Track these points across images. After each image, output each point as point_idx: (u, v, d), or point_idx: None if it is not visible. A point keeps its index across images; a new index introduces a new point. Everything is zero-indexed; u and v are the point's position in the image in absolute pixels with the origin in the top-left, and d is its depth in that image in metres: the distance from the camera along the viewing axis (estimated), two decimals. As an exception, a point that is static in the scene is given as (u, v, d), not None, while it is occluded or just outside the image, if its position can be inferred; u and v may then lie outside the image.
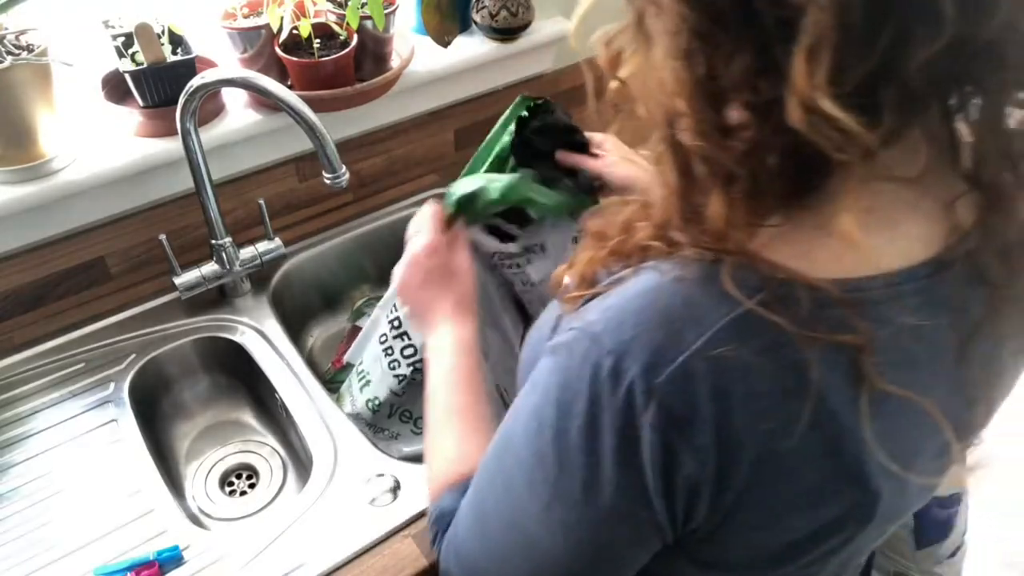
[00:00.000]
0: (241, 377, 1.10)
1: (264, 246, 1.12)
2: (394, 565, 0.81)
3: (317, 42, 1.08)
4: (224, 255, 1.08)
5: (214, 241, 1.06)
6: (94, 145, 1.02)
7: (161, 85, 1.01)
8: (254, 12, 1.10)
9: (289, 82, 1.11)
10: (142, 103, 1.02)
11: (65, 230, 1.03)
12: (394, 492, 0.87)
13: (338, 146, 0.91)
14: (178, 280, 1.07)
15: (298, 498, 0.88)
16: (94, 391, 1.00)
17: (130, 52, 1.01)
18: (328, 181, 0.92)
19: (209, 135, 1.04)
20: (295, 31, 1.07)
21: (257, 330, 1.08)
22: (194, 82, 0.90)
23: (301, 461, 1.03)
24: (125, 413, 0.98)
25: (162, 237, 1.06)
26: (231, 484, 1.03)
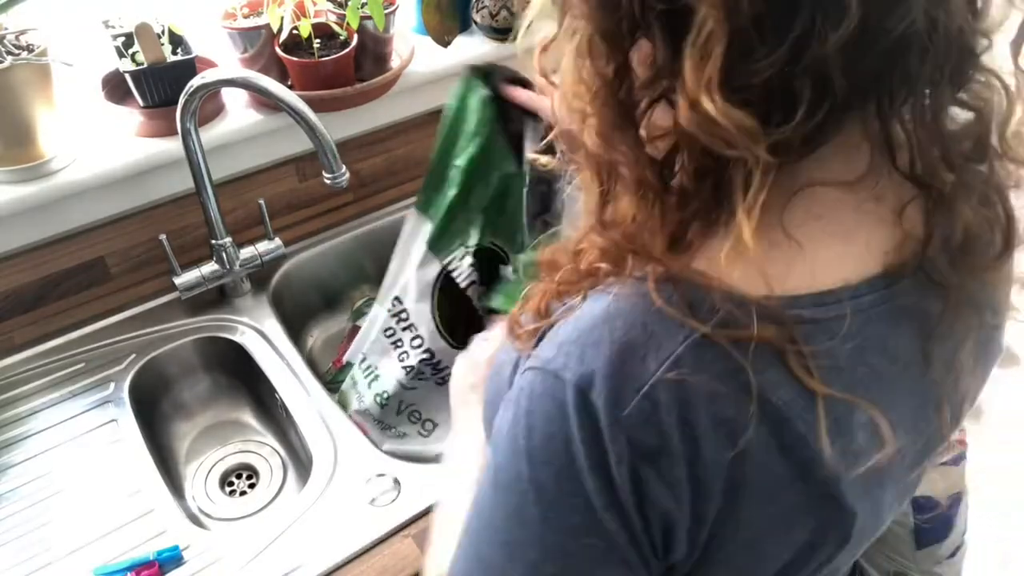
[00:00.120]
0: (241, 377, 1.10)
1: (264, 246, 1.12)
2: (394, 565, 0.81)
3: (317, 42, 1.08)
4: (224, 255, 1.08)
5: (214, 241, 1.06)
6: (94, 145, 1.02)
7: (161, 85, 1.01)
8: (254, 12, 1.10)
9: (289, 82, 1.11)
10: (142, 103, 1.02)
11: (65, 230, 1.03)
12: (394, 492, 0.88)
13: (338, 146, 0.91)
14: (178, 280, 1.07)
15: (298, 498, 0.88)
16: (94, 391, 1.00)
17: (130, 52, 1.01)
18: (328, 181, 0.92)
19: (209, 135, 1.04)
20: (295, 31, 1.07)
21: (257, 330, 1.08)
22: (194, 82, 0.90)
23: (301, 461, 1.03)
24: (125, 413, 0.98)
25: (162, 237, 1.06)
26: (231, 484, 1.03)
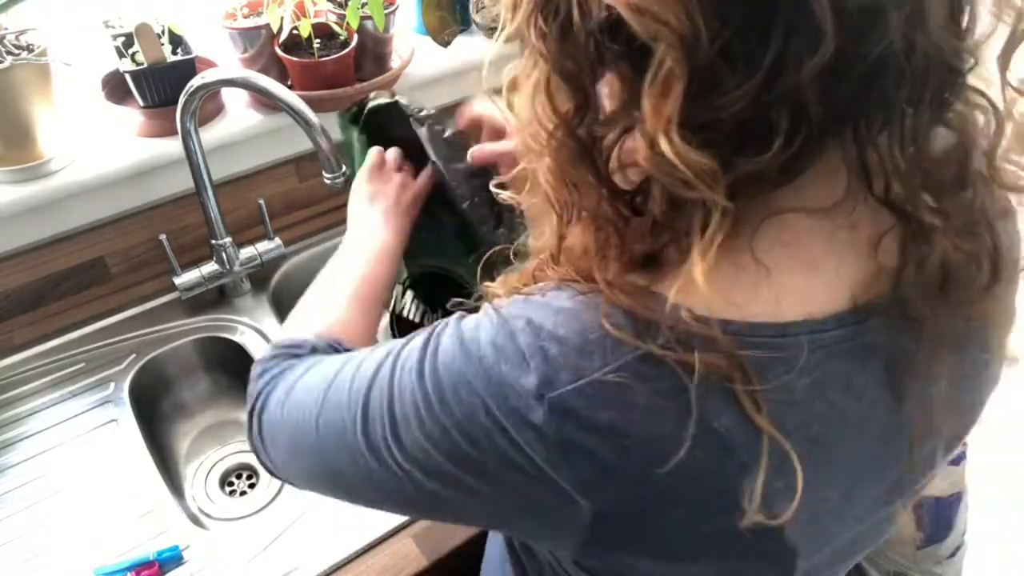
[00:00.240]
0: (241, 377, 1.09)
1: (264, 246, 1.12)
2: (394, 565, 0.81)
3: (317, 42, 1.08)
4: (224, 255, 1.08)
5: (214, 241, 1.06)
6: (94, 145, 1.02)
7: (161, 85, 1.01)
8: (254, 12, 1.10)
9: (289, 82, 1.11)
10: (142, 103, 1.02)
11: (65, 230, 1.03)
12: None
13: (338, 146, 0.91)
14: (178, 280, 1.07)
15: (298, 498, 0.88)
16: (94, 391, 1.00)
17: (130, 52, 1.01)
18: (328, 181, 0.92)
19: (209, 135, 1.04)
20: (295, 31, 1.07)
21: (257, 330, 1.08)
22: (194, 82, 0.90)
23: (301, 461, 1.02)
24: (125, 413, 0.98)
25: (162, 237, 1.06)
26: (231, 484, 1.03)
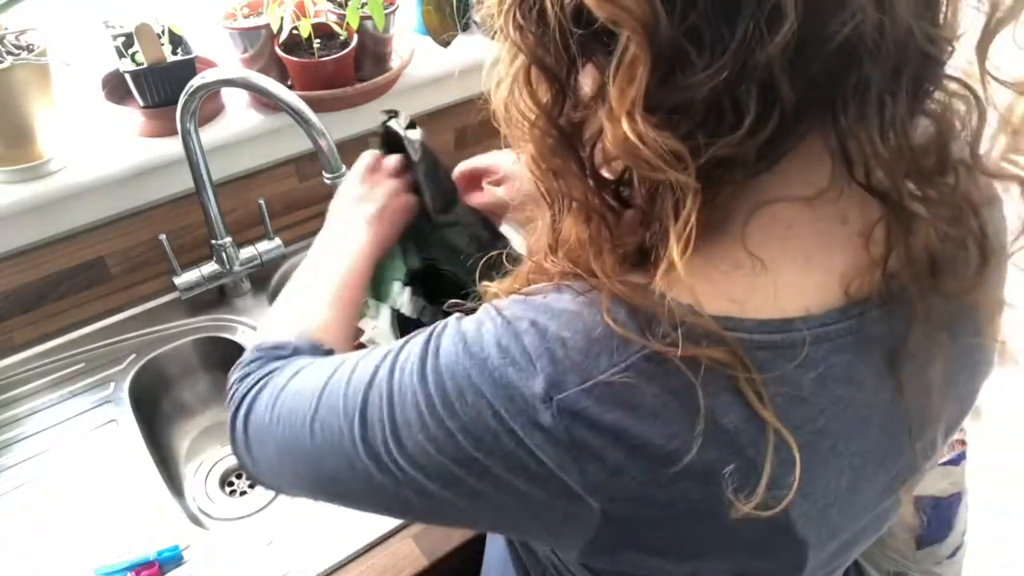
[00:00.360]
0: (241, 377, 1.10)
1: (264, 246, 1.12)
2: (394, 565, 0.81)
3: (317, 42, 1.08)
4: (224, 255, 1.08)
5: (214, 241, 1.06)
6: (94, 145, 1.02)
7: (161, 85, 1.01)
8: (254, 12, 1.10)
9: (289, 82, 1.11)
10: (142, 103, 1.02)
11: (65, 230, 1.03)
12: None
13: (338, 146, 0.91)
14: (178, 280, 1.07)
15: (298, 498, 0.88)
16: (94, 391, 1.00)
17: (130, 52, 1.01)
18: (328, 181, 0.92)
19: (209, 135, 1.04)
20: (295, 31, 1.07)
21: (257, 330, 1.08)
22: (194, 82, 0.90)
23: (301, 461, 1.02)
24: (125, 413, 0.98)
25: (162, 237, 1.06)
26: (231, 484, 1.03)
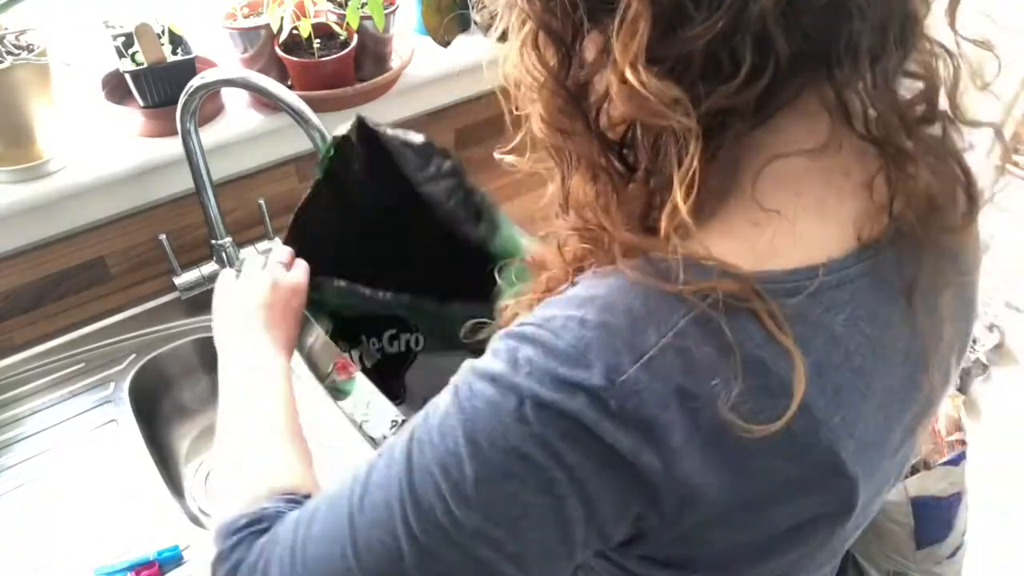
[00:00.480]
0: (241, 377, 1.10)
1: (264, 246, 1.12)
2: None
3: (317, 42, 1.08)
4: (224, 255, 1.08)
5: (214, 241, 1.06)
6: (94, 145, 1.02)
7: (161, 85, 1.01)
8: (254, 12, 1.10)
9: (289, 82, 1.11)
10: (142, 103, 1.02)
11: (65, 230, 1.03)
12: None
13: (338, 146, 0.90)
14: (178, 280, 1.07)
15: (298, 498, 0.88)
16: (94, 391, 1.00)
17: (130, 52, 1.01)
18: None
19: (209, 135, 1.04)
20: (295, 31, 1.07)
21: (257, 330, 1.08)
22: (194, 82, 0.90)
23: (301, 461, 1.03)
24: (125, 413, 0.98)
25: (162, 237, 1.06)
26: (231, 484, 1.03)
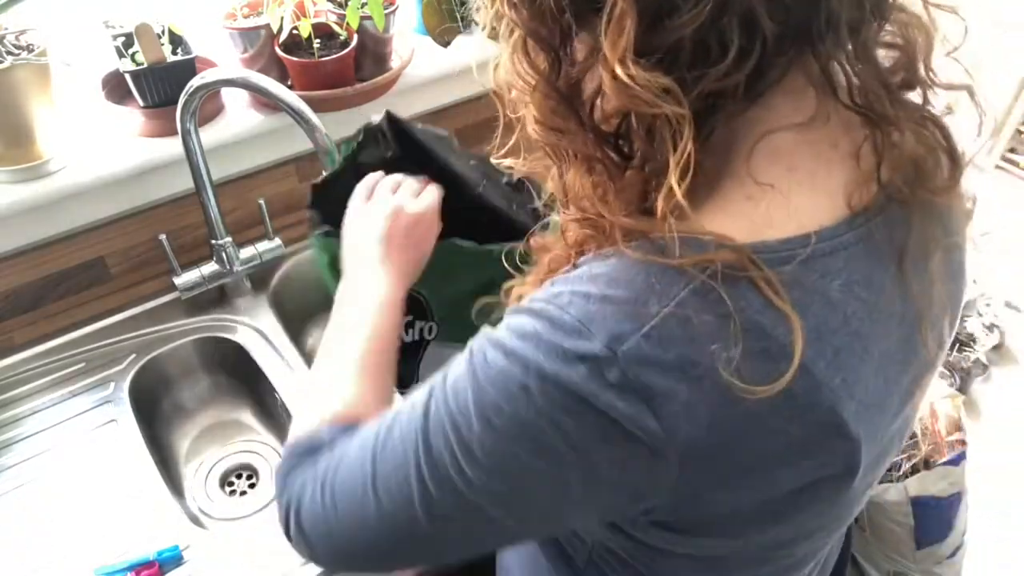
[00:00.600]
0: (241, 377, 1.10)
1: (264, 246, 1.12)
2: (394, 565, 0.81)
3: (317, 42, 1.08)
4: (224, 255, 1.08)
5: (214, 241, 1.06)
6: (94, 145, 1.02)
7: (161, 85, 1.01)
8: (254, 12, 1.10)
9: (289, 82, 1.11)
10: (142, 103, 1.02)
11: (65, 230, 1.03)
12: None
13: (338, 146, 0.90)
14: (178, 280, 1.07)
15: (298, 498, 0.88)
16: (94, 391, 1.00)
17: (130, 52, 1.01)
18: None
19: (209, 135, 1.04)
20: (295, 31, 1.07)
21: (257, 330, 1.08)
22: (194, 82, 0.90)
23: (301, 461, 1.02)
24: (125, 413, 0.98)
25: (162, 237, 1.06)
26: (231, 484, 1.03)
